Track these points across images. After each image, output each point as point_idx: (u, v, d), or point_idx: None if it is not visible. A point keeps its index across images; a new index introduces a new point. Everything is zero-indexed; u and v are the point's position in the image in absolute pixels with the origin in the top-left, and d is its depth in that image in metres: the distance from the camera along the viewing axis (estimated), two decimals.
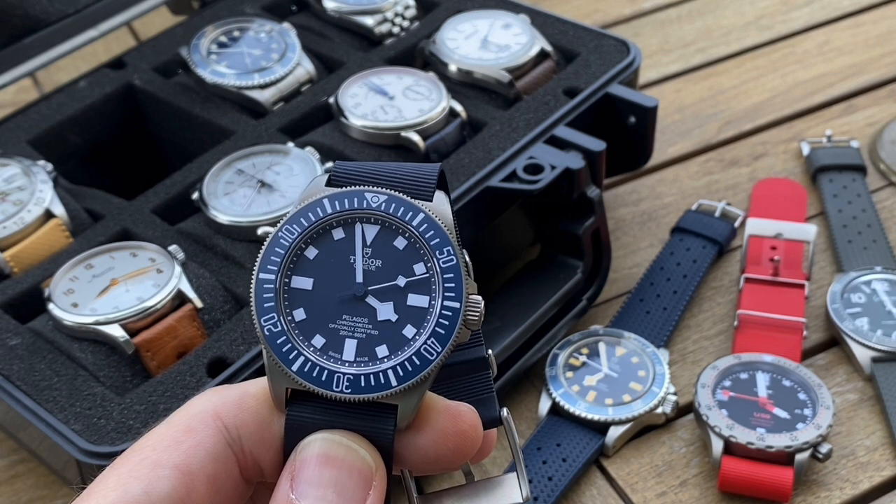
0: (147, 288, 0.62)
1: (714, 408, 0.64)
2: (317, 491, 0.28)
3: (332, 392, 0.29)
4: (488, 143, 0.71)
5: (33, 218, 0.66)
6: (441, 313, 0.29)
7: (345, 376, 0.29)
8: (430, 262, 0.30)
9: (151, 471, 0.29)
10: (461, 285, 0.30)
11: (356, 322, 0.30)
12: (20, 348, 0.60)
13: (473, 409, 0.31)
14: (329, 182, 0.31)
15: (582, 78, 0.76)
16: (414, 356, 0.29)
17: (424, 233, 0.30)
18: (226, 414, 0.30)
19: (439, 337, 0.29)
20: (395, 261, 0.30)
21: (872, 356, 0.70)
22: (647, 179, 0.87)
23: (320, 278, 0.30)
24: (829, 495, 0.63)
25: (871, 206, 0.81)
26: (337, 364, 0.29)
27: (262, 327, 0.30)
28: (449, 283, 0.30)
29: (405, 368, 0.29)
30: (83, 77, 0.79)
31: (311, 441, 0.29)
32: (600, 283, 0.74)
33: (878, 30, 1.01)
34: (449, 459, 0.30)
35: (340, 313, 0.30)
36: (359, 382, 0.29)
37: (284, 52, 0.78)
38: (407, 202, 0.30)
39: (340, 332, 0.29)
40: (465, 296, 0.29)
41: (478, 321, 0.30)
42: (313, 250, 0.30)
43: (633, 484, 0.65)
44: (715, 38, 1.02)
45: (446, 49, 0.78)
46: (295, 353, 0.29)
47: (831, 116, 0.92)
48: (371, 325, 0.30)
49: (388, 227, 0.30)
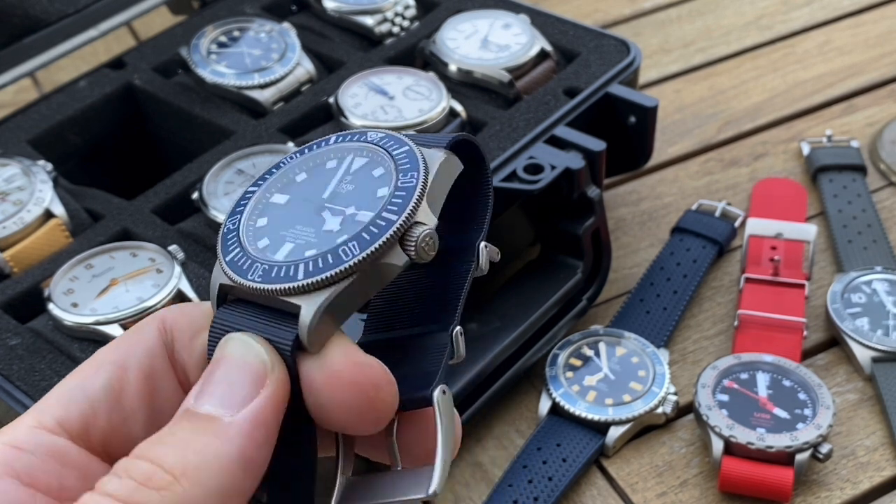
0: (147, 288, 0.62)
1: (714, 408, 0.64)
2: (208, 387, 0.28)
3: (244, 280, 0.28)
4: (488, 143, 0.71)
5: (33, 218, 0.66)
6: (374, 222, 0.28)
7: (261, 266, 0.28)
8: (391, 186, 0.29)
9: (91, 367, 0.30)
10: (407, 203, 0.28)
11: (303, 230, 0.29)
12: (20, 348, 0.60)
13: (385, 369, 0.28)
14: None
15: (582, 78, 0.76)
16: (329, 254, 0.28)
17: (400, 160, 0.29)
18: (168, 317, 0.31)
19: (362, 242, 0.28)
20: (366, 185, 0.30)
21: (872, 356, 0.70)
22: (648, 179, 0.87)
23: (296, 197, 0.30)
24: (830, 495, 0.63)
25: (871, 206, 0.81)
26: (265, 261, 0.29)
27: (223, 224, 0.30)
28: (397, 199, 0.29)
29: (315, 264, 0.28)
30: (83, 77, 0.79)
31: (221, 342, 0.29)
32: (600, 283, 0.74)
33: (879, 29, 1.01)
34: (344, 412, 0.28)
35: (294, 223, 0.29)
36: (269, 273, 0.28)
37: (284, 52, 0.78)
38: (400, 138, 0.30)
39: (286, 238, 0.29)
40: (408, 213, 0.28)
41: (416, 248, 0.28)
42: (303, 175, 0.31)
43: (633, 484, 0.65)
44: (715, 38, 1.02)
45: (446, 49, 0.78)
46: (234, 247, 0.29)
47: (831, 116, 0.92)
48: (313, 234, 0.29)
49: (373, 160, 0.30)
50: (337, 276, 0.27)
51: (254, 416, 0.27)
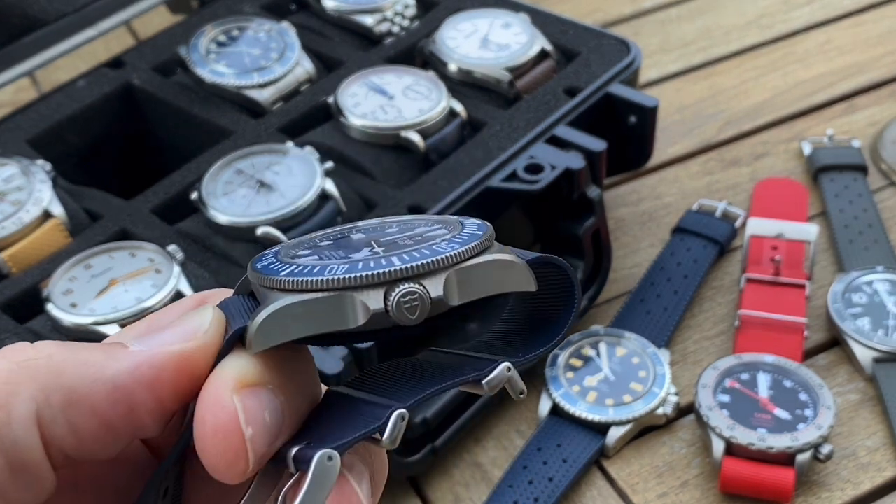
0: (146, 288, 0.61)
1: (715, 408, 0.64)
2: (141, 325, 0.26)
3: (248, 269, 0.26)
4: (488, 142, 0.71)
5: (32, 218, 0.66)
6: (381, 260, 0.25)
7: (272, 266, 0.26)
8: (438, 240, 0.26)
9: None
10: (424, 258, 0.25)
11: (335, 253, 0.26)
12: None
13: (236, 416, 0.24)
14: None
15: (582, 77, 0.76)
16: (319, 267, 0.25)
17: (468, 226, 0.27)
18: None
19: (352, 269, 0.25)
20: (423, 238, 0.27)
21: (874, 356, 0.70)
22: (648, 179, 0.87)
23: (346, 239, 0.27)
24: (831, 496, 0.63)
25: (872, 206, 0.81)
26: (277, 262, 0.26)
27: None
28: (425, 251, 0.25)
29: (302, 272, 0.25)
30: (82, 76, 0.79)
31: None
32: (601, 283, 0.74)
33: (880, 29, 1.01)
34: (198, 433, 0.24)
35: (333, 252, 0.26)
36: (268, 268, 0.26)
37: (284, 52, 0.78)
38: (485, 224, 0.28)
39: (316, 257, 0.26)
40: (415, 266, 0.25)
41: (395, 302, 0.24)
42: (361, 234, 0.28)
43: (633, 485, 0.65)
44: (715, 38, 1.01)
45: (446, 48, 0.78)
46: (269, 258, 0.27)
47: (832, 116, 0.91)
48: (341, 257, 0.26)
49: (441, 223, 0.28)
50: (310, 286, 0.24)
51: (154, 355, 0.25)
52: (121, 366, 0.24)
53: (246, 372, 0.24)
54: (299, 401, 0.25)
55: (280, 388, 0.24)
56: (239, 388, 0.24)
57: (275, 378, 0.24)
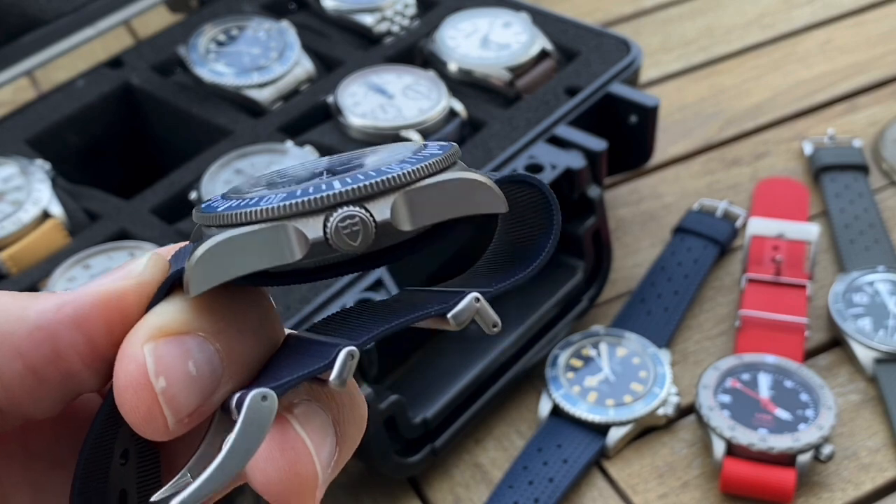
0: None
1: (716, 409, 0.64)
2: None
3: (194, 212, 0.24)
4: (488, 142, 0.71)
5: (31, 218, 0.66)
6: (321, 184, 0.23)
7: (215, 204, 0.23)
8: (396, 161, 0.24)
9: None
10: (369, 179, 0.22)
11: (286, 182, 0.24)
12: None
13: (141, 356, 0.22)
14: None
15: (583, 77, 0.76)
16: (257, 198, 0.23)
17: (431, 147, 0.24)
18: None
19: (292, 196, 0.22)
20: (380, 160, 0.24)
21: (875, 357, 0.69)
22: (649, 179, 0.86)
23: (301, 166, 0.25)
24: (832, 496, 0.63)
25: (873, 206, 0.81)
26: (219, 200, 0.24)
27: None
28: (372, 173, 0.23)
29: (239, 204, 0.23)
30: (81, 76, 0.79)
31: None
32: (601, 283, 0.74)
33: (881, 28, 1.01)
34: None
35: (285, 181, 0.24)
36: (210, 206, 0.23)
37: (283, 51, 0.78)
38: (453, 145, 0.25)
39: (265, 191, 0.24)
40: (360, 187, 0.22)
41: (333, 227, 0.22)
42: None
43: (634, 485, 0.65)
44: (716, 37, 1.01)
45: (446, 48, 0.78)
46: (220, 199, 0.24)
47: (833, 115, 0.91)
48: (286, 185, 0.24)
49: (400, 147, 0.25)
50: (245, 218, 0.22)
51: (80, 294, 0.23)
52: (44, 306, 0.23)
53: (170, 319, 0.23)
54: (249, 347, 0.23)
55: (218, 334, 0.23)
56: (155, 337, 0.22)
57: (211, 324, 0.23)
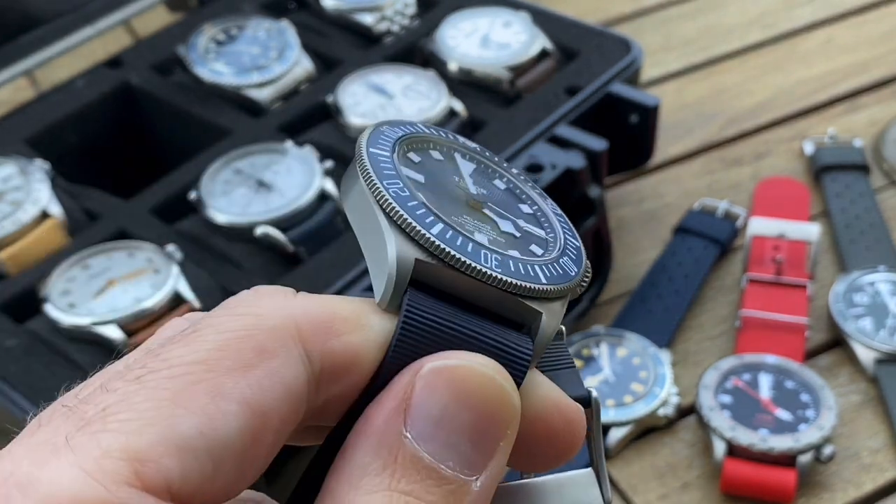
0: (144, 288, 0.61)
1: (716, 409, 0.64)
2: (447, 436, 0.20)
3: (479, 264, 0.22)
4: (489, 142, 0.71)
5: (30, 218, 0.66)
6: (567, 241, 0.24)
7: (491, 254, 0.22)
8: (534, 206, 0.25)
9: (211, 401, 0.19)
10: (573, 228, 0.25)
11: (480, 224, 0.23)
12: (17, 350, 0.60)
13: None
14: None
15: (583, 76, 0.76)
16: (554, 265, 0.23)
17: (523, 181, 0.26)
18: (311, 338, 0.21)
19: (574, 260, 0.24)
20: (500, 194, 0.25)
21: (875, 357, 0.69)
22: (649, 179, 0.86)
23: (430, 178, 0.24)
24: (832, 497, 0.63)
25: (874, 206, 0.80)
26: (490, 249, 0.23)
27: (385, 189, 0.22)
28: (563, 222, 0.25)
29: (552, 270, 0.23)
30: (80, 76, 0.79)
31: (441, 363, 0.21)
32: (602, 283, 0.74)
33: (882, 28, 1.00)
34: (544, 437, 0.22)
35: (461, 212, 0.23)
36: (507, 265, 0.22)
37: (283, 51, 0.77)
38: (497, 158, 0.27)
39: (465, 225, 0.23)
40: (586, 268, 0.24)
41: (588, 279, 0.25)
42: (416, 156, 0.24)
43: (634, 486, 0.65)
44: (717, 37, 1.01)
45: (446, 47, 0.77)
46: (432, 218, 0.22)
47: (834, 115, 0.91)
48: (496, 232, 0.24)
49: (484, 168, 0.26)
50: (571, 288, 0.23)
51: (492, 482, 0.21)
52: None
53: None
54: None
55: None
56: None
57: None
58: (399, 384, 0.21)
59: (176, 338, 0.20)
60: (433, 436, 0.20)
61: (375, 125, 0.25)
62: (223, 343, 0.20)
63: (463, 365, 0.21)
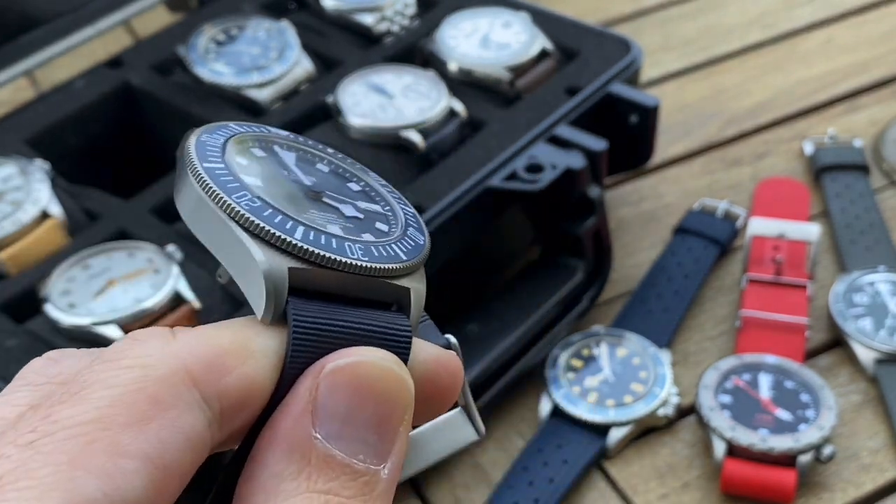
0: (144, 289, 0.61)
1: (716, 409, 0.64)
2: (354, 432, 0.21)
3: (348, 258, 0.23)
4: (489, 142, 0.71)
5: (30, 218, 0.66)
6: (406, 213, 0.26)
7: (353, 244, 0.23)
8: (360, 182, 0.26)
9: (110, 460, 0.19)
10: (401, 195, 0.27)
11: (327, 216, 0.24)
12: (17, 350, 0.60)
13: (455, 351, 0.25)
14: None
15: (583, 76, 0.76)
16: (405, 239, 0.25)
17: (342, 159, 0.27)
18: (204, 381, 0.21)
19: (417, 229, 0.25)
20: (328, 178, 0.26)
21: (875, 357, 0.69)
22: (649, 179, 0.86)
23: (265, 179, 0.24)
24: (832, 497, 0.63)
25: (874, 206, 0.80)
26: (349, 238, 0.24)
27: (235, 203, 0.23)
28: (391, 191, 0.26)
29: (406, 245, 0.24)
30: (80, 76, 0.79)
31: (342, 362, 0.22)
32: (601, 283, 0.74)
33: (882, 28, 1.00)
34: (434, 394, 0.24)
35: (307, 207, 0.24)
36: (370, 251, 0.24)
37: (283, 51, 0.77)
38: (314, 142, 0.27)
39: (316, 220, 0.24)
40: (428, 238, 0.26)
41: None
42: (242, 159, 0.25)
43: (634, 486, 0.65)
44: (717, 37, 1.01)
45: (446, 47, 0.77)
46: (290, 222, 0.23)
47: (834, 115, 0.91)
48: (343, 219, 0.24)
49: (304, 154, 0.26)
50: (424, 259, 0.25)
51: (398, 464, 0.22)
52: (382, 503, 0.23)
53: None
54: None
55: None
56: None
57: None
58: (302, 388, 0.21)
59: (62, 396, 0.20)
60: (341, 433, 0.21)
61: (194, 136, 0.25)
62: (115, 398, 0.20)
63: (361, 361, 0.22)
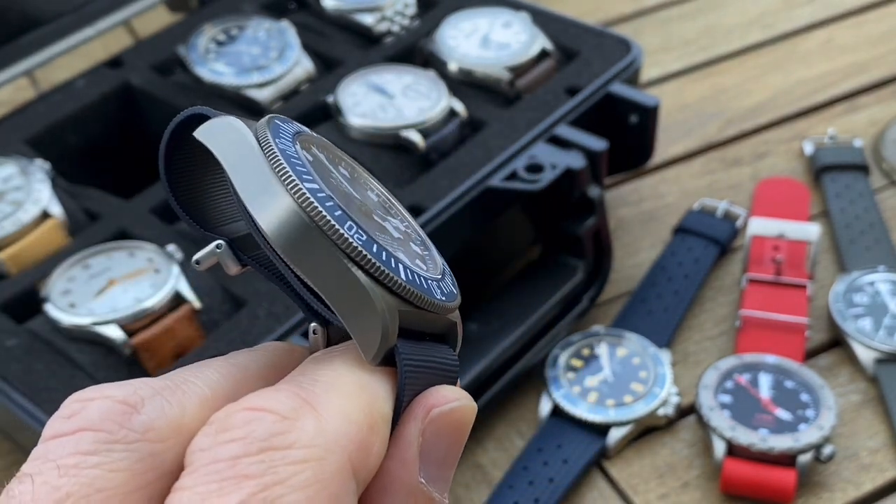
0: (145, 288, 0.61)
1: (716, 409, 0.64)
2: (443, 472, 0.23)
3: (436, 300, 0.23)
4: (489, 142, 0.71)
5: (30, 218, 0.66)
6: (442, 262, 0.26)
7: (429, 281, 0.24)
8: (404, 221, 0.27)
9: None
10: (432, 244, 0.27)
11: (387, 238, 0.24)
12: (17, 350, 0.60)
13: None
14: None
15: (583, 76, 0.76)
16: (447, 279, 0.25)
17: (389, 191, 0.28)
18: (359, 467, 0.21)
19: (452, 281, 0.26)
20: (353, 186, 0.25)
21: (875, 357, 0.69)
22: (649, 179, 0.86)
23: (337, 193, 0.23)
24: (832, 497, 0.63)
25: (874, 206, 0.81)
26: (418, 275, 0.24)
27: (348, 235, 0.22)
28: (426, 239, 0.27)
29: (450, 286, 0.25)
30: (81, 76, 0.79)
31: (447, 408, 0.23)
32: (601, 283, 0.74)
33: (882, 28, 1.00)
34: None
35: (374, 228, 0.23)
36: (441, 288, 0.24)
37: (283, 51, 0.78)
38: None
39: (392, 247, 0.23)
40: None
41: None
42: (322, 169, 0.24)
43: (634, 486, 0.65)
44: (717, 37, 1.01)
45: (446, 47, 0.78)
46: (385, 254, 0.22)
47: (834, 115, 0.91)
48: (395, 242, 0.24)
49: (355, 175, 0.26)
50: (459, 298, 0.26)
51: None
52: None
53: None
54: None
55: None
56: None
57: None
58: (410, 434, 0.23)
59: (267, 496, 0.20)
60: (437, 475, 0.23)
61: (270, 135, 0.24)
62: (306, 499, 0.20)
63: (459, 406, 0.23)
